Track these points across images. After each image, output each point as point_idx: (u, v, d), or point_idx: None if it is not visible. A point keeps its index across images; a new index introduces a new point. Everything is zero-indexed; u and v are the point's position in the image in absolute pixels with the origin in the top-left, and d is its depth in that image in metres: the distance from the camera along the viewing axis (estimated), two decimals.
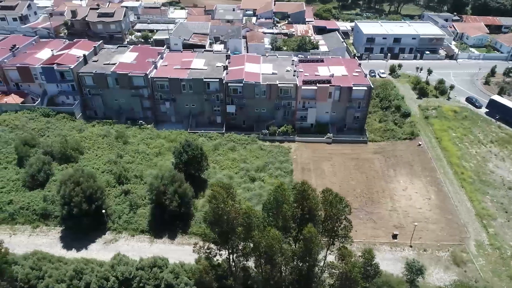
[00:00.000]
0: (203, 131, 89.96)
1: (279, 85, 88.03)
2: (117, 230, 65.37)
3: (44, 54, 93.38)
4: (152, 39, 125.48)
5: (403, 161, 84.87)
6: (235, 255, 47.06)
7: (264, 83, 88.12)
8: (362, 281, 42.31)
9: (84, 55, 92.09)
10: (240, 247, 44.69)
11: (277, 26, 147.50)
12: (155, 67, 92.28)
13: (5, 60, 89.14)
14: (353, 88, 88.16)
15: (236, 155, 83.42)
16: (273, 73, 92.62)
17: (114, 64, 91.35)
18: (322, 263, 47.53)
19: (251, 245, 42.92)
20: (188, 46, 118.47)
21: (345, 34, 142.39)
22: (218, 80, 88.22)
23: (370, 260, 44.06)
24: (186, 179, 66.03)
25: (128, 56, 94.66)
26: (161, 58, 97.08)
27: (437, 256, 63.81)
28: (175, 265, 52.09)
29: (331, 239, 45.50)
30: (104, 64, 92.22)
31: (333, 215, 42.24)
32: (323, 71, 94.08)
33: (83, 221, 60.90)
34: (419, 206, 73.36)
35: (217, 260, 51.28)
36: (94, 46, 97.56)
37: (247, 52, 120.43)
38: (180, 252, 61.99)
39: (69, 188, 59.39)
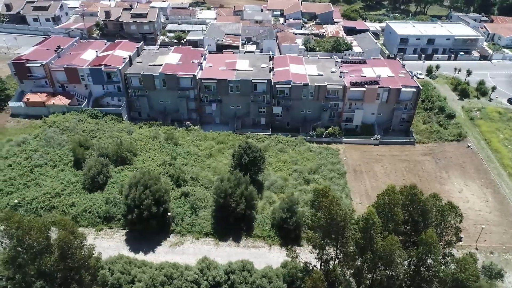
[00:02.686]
0: (249, 132, 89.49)
1: (327, 86, 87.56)
2: (181, 233, 64.81)
3: (89, 55, 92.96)
4: (185, 40, 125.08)
5: (453, 163, 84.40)
6: (336, 260, 46.02)
7: (312, 85, 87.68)
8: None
9: (130, 56, 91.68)
10: (348, 251, 43.94)
11: (305, 26, 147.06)
12: (201, 68, 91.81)
13: (52, 62, 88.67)
14: (402, 89, 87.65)
15: (286, 157, 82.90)
16: (318, 74, 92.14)
17: (160, 65, 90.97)
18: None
19: (352, 248, 42.28)
20: (221, 47, 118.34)
21: (375, 35, 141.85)
22: (266, 81, 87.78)
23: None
24: None
25: (172, 57, 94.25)
26: (204, 59, 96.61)
27: (506, 259, 63.31)
28: (268, 269, 51.39)
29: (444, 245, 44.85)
30: (149, 65, 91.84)
31: (445, 221, 41.74)
32: (368, 72, 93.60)
33: (151, 224, 60.46)
34: (478, 208, 72.90)
35: (313, 265, 50.20)
36: (137, 47, 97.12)
37: (280, 53, 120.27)
38: (247, 255, 61.36)
39: (139, 191, 58.96)
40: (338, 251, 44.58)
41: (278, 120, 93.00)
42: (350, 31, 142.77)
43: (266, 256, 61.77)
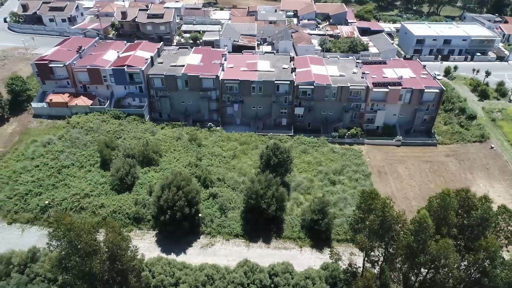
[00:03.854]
0: (271, 133, 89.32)
1: (350, 87, 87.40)
2: (211, 234, 64.70)
3: (110, 55, 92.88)
4: (201, 40, 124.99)
5: (477, 164, 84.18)
6: (384, 262, 45.73)
7: (335, 85, 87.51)
8: None
9: (151, 57, 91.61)
10: (398, 254, 43.60)
11: (319, 27, 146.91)
12: (222, 69, 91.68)
13: (74, 62, 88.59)
14: (425, 90, 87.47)
15: (310, 158, 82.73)
16: (340, 75, 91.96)
17: (181, 66, 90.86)
18: None
19: (402, 251, 41.82)
20: (236, 48, 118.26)
21: (389, 36, 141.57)
22: (289, 82, 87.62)
23: None
24: None
25: (193, 58, 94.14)
26: (225, 59, 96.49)
27: None
28: (310, 271, 51.20)
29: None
30: (170, 66, 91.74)
31: (498, 225, 41.47)
32: (389, 73, 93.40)
33: (184, 226, 60.35)
34: None
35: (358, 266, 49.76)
36: (157, 48, 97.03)
37: (296, 54, 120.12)
38: (278, 256, 61.25)
39: (172, 192, 58.84)
40: (386, 253, 44.38)
41: (299, 121, 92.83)
42: (364, 31, 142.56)
43: (298, 257, 61.58)
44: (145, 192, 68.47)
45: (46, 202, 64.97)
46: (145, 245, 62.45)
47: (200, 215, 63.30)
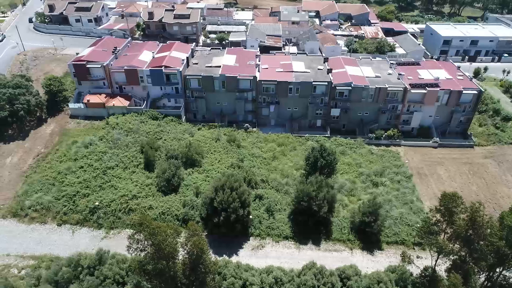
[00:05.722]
0: (307, 134, 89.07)
1: (388, 88, 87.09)
2: (260, 236, 64.53)
3: (146, 56, 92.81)
4: (228, 41, 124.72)
5: None
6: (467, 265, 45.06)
7: (372, 87, 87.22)
8: None
9: (187, 58, 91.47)
10: (485, 258, 43.14)
11: (341, 28, 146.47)
12: (258, 70, 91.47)
13: (111, 63, 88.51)
14: (463, 92, 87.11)
15: (349, 159, 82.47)
16: (376, 76, 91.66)
17: (217, 66, 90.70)
18: None
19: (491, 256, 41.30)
20: (263, 48, 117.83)
21: (412, 36, 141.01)
22: (326, 83, 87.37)
23: None
24: None
25: (228, 59, 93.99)
26: (259, 60, 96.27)
27: None
28: (377, 274, 50.94)
29: None
30: (206, 67, 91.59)
31: None
32: (424, 75, 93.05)
33: (236, 227, 60.19)
34: None
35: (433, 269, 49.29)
36: (191, 48, 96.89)
37: (322, 55, 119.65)
38: (329, 258, 61.15)
39: (227, 194, 58.69)
40: (469, 257, 44.06)
41: (334, 122, 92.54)
42: (387, 32, 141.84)
43: (350, 260, 61.32)
44: (192, 194, 68.34)
45: (96, 203, 64.93)
46: None
47: (250, 217, 63.08)
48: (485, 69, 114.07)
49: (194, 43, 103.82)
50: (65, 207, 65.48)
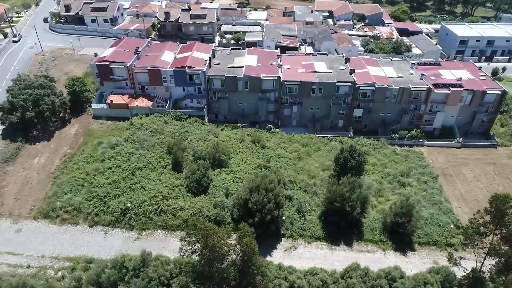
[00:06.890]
0: (330, 135, 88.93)
1: (412, 89, 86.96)
2: (292, 237, 64.43)
3: (168, 56, 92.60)
4: (244, 41, 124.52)
5: None
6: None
7: (396, 87, 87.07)
8: None
9: (210, 58, 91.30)
10: None
11: (355, 28, 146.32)
12: (281, 70, 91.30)
13: (134, 63, 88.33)
14: (487, 92, 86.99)
15: (374, 160, 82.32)
16: (398, 77, 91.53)
17: (239, 67, 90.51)
18: None
19: None
20: (279, 49, 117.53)
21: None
22: (350, 83, 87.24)
23: None
24: None
25: (250, 59, 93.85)
26: (280, 61, 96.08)
27: None
28: (420, 275, 50.80)
29: None
30: (228, 67, 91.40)
31: None
32: (446, 75, 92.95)
33: (271, 228, 60.09)
34: None
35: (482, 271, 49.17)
36: (212, 49, 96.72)
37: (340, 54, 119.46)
38: (363, 259, 60.87)
39: (262, 195, 58.57)
40: None
41: (356, 122, 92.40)
42: (401, 32, 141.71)
43: (383, 261, 61.28)
44: (222, 195, 68.22)
45: (128, 204, 64.73)
46: None
47: (283, 218, 62.98)
48: (504, 69, 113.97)
49: (214, 43, 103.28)
50: (96, 208, 65.33)
